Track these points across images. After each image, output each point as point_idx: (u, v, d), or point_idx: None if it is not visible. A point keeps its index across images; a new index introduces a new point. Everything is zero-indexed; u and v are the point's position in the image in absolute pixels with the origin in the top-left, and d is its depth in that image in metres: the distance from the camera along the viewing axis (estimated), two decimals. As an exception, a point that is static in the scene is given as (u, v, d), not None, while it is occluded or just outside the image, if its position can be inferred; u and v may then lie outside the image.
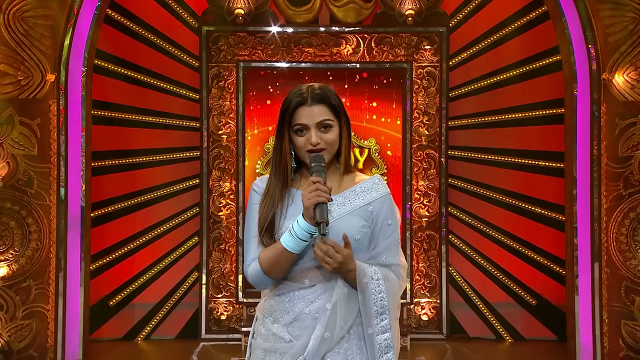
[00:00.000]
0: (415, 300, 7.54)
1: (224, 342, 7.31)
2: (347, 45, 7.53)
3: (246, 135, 7.51)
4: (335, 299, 2.52)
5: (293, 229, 2.49)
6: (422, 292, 7.57)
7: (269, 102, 7.54)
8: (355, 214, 2.59)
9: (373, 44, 7.53)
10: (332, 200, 2.49)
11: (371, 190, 2.63)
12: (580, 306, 6.64)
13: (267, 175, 2.68)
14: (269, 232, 2.59)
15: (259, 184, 2.67)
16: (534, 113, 7.52)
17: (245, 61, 7.49)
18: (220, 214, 7.55)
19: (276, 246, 2.54)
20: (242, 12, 7.41)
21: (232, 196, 7.53)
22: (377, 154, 7.57)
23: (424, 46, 7.56)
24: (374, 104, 7.59)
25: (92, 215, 7.06)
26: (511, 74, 7.55)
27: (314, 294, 2.55)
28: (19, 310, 6.54)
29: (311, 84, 2.65)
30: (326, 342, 2.50)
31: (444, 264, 7.57)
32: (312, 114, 2.57)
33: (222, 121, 7.54)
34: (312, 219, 2.45)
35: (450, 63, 7.58)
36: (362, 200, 2.61)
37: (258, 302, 2.76)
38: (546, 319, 7.50)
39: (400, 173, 7.55)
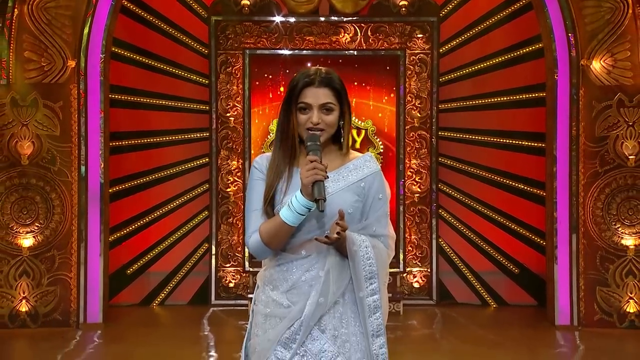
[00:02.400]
0: (408, 269, 7.57)
1: (232, 308, 7.35)
2: (345, 34, 7.52)
3: (252, 117, 7.55)
4: (327, 267, 2.52)
5: (292, 204, 2.48)
6: (414, 262, 7.62)
7: (273, 86, 7.56)
8: (349, 190, 2.58)
9: (369, 33, 7.52)
10: (328, 177, 2.47)
11: (363, 167, 2.62)
12: (558, 274, 6.67)
13: (268, 154, 2.66)
14: (272, 203, 2.58)
15: (259, 161, 2.66)
16: (517, 96, 7.51)
17: (251, 49, 7.48)
18: (228, 190, 7.59)
19: (275, 220, 2.52)
20: (248, 2, 7.39)
21: (239, 174, 7.56)
22: (373, 135, 7.60)
23: (416, 35, 7.55)
24: (370, 89, 7.58)
25: (110, 191, 7.08)
26: (497, 60, 7.53)
27: (309, 263, 2.55)
28: (44, 278, 6.59)
29: (319, 67, 2.65)
30: (321, 306, 2.51)
31: (434, 236, 7.59)
32: (317, 95, 2.56)
33: (229, 104, 7.56)
34: (310, 195, 2.44)
35: (441, 50, 7.55)
36: (354, 177, 2.60)
37: (260, 272, 2.76)
38: (527, 285, 7.53)
39: (395, 152, 7.60)
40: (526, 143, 7.49)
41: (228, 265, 7.56)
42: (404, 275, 7.56)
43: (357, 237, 2.54)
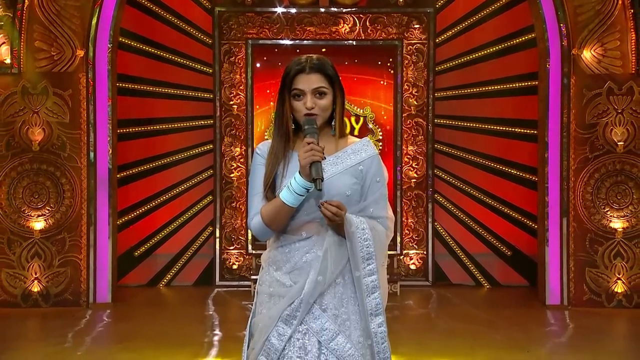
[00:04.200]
0: (405, 251, 7.60)
1: (235, 289, 7.39)
2: (345, 25, 7.52)
3: (254, 105, 7.55)
4: (325, 246, 2.53)
5: (291, 185, 2.49)
6: (411, 245, 7.65)
7: (274, 75, 7.55)
8: (347, 173, 2.58)
9: (368, 23, 7.52)
10: (325, 158, 2.48)
11: (361, 152, 2.62)
12: (549, 256, 6.70)
13: (269, 140, 2.67)
14: (272, 187, 2.59)
15: (261, 147, 2.66)
16: (511, 85, 7.51)
17: (253, 39, 7.47)
18: (232, 175, 7.61)
19: (276, 201, 2.53)
20: (251, -6, 7.42)
21: (242, 160, 7.58)
22: (372, 122, 7.62)
23: (413, 25, 7.55)
24: (369, 77, 7.57)
25: (118, 176, 7.10)
26: (491, 50, 7.52)
27: (310, 245, 2.56)
28: (55, 259, 6.64)
29: (310, 55, 2.64)
30: (319, 284, 2.52)
31: (430, 219, 7.62)
32: (309, 81, 2.56)
33: (233, 93, 7.57)
34: (308, 176, 2.44)
35: (437, 40, 7.55)
36: (352, 160, 2.60)
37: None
38: (519, 267, 7.57)
39: (392, 139, 7.60)
40: (519, 130, 7.50)
41: (232, 247, 7.60)
42: (401, 257, 7.60)
43: (355, 218, 2.54)
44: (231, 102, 7.54)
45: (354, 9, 7.48)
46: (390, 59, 7.55)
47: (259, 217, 2.58)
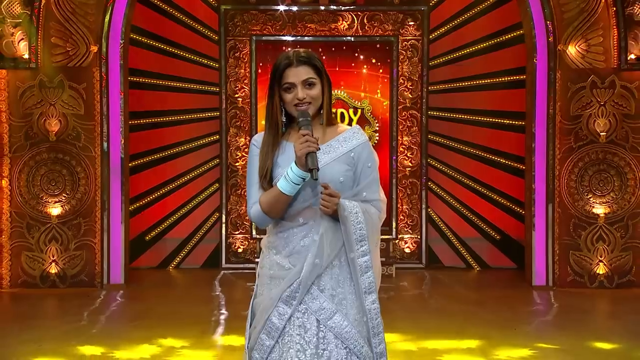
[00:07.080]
0: (400, 236, 7.63)
1: (240, 271, 7.42)
2: (343, 22, 7.52)
3: (258, 97, 7.56)
4: (321, 231, 2.51)
5: (288, 175, 2.47)
6: (406, 230, 7.67)
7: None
8: (339, 160, 2.56)
9: (365, 21, 7.52)
10: (320, 149, 2.46)
11: (352, 139, 2.60)
12: (536, 240, 6.72)
13: (263, 132, 2.65)
14: (267, 178, 2.57)
15: (257, 138, 2.65)
16: (500, 79, 7.51)
17: (257, 35, 7.48)
18: (237, 164, 7.63)
19: (273, 190, 2.51)
20: (255, -8, 7.40)
21: (246, 150, 7.57)
22: (369, 114, 7.62)
23: (408, 22, 7.54)
24: (366, 72, 7.60)
25: (130, 165, 7.11)
26: (481, 45, 7.52)
27: (306, 230, 2.54)
28: (71, 243, 6.67)
29: (296, 49, 2.61)
30: (317, 267, 2.51)
31: (423, 206, 7.64)
32: (298, 73, 2.53)
33: (238, 86, 7.57)
34: (304, 166, 2.43)
35: (431, 37, 7.54)
36: (344, 148, 2.57)
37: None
38: (508, 250, 7.59)
39: (388, 130, 7.63)
40: (507, 121, 7.51)
41: (237, 232, 7.62)
42: (396, 241, 7.62)
43: (348, 203, 2.53)
44: (236, 95, 7.54)
45: (352, 7, 7.46)
46: (387, 55, 7.53)
47: (257, 205, 2.57)
